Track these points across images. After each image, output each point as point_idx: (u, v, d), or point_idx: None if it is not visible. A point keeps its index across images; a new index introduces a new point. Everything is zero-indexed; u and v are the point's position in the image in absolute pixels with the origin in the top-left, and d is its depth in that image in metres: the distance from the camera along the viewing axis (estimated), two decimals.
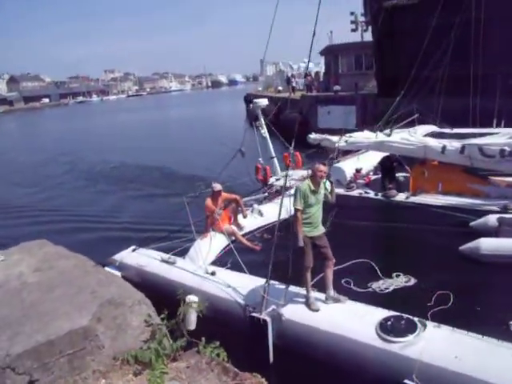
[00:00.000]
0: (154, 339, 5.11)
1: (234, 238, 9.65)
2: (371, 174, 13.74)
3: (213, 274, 8.04)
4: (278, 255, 6.96)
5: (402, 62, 24.72)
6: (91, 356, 4.76)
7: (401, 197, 11.53)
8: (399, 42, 24.79)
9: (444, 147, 10.74)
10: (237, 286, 7.50)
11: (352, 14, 34.49)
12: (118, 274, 8.64)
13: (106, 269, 8.29)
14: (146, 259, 9.02)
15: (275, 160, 14.10)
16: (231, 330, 6.86)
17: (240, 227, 10.15)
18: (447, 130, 13.51)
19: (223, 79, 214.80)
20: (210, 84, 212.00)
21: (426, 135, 12.24)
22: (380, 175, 12.89)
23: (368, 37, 28.05)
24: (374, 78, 26.68)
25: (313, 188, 6.63)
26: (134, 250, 9.44)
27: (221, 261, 8.85)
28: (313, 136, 14.04)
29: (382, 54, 25.24)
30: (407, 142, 11.56)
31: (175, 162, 25.60)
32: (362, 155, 14.62)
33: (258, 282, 7.22)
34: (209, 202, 9.70)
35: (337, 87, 29.14)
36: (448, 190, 11.14)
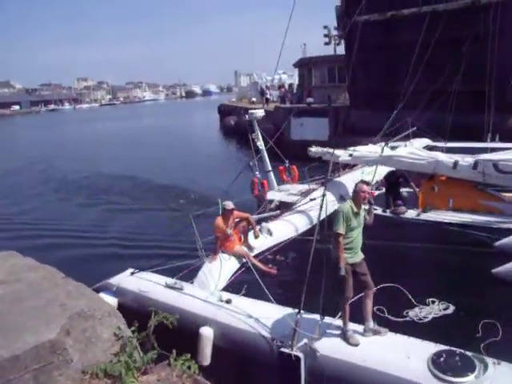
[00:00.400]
0: (125, 352, 5.01)
1: (246, 260, 8.87)
2: (373, 189, 13.08)
3: (228, 301, 7.23)
4: (299, 280, 6.33)
5: (374, 75, 25.29)
6: (59, 370, 4.64)
7: (411, 214, 10.95)
8: (371, 57, 25.25)
9: (456, 162, 10.38)
10: (259, 316, 6.71)
11: (325, 27, 34.96)
12: (115, 300, 7.94)
13: (101, 295, 7.61)
14: (148, 284, 8.10)
15: (271, 174, 13.78)
16: (254, 367, 6.33)
17: (251, 248, 9.31)
18: (441, 144, 13.72)
19: (197, 89, 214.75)
20: (183, 94, 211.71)
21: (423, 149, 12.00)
22: (382, 191, 12.52)
23: (341, 50, 28.54)
24: (347, 90, 27.06)
25: (355, 210, 6.10)
26: (132, 274, 8.55)
27: (233, 286, 8.08)
28: (314, 149, 13.63)
29: (354, 68, 25.63)
30: (417, 156, 11.14)
31: (157, 172, 25.25)
32: (361, 170, 14.01)
33: (283, 311, 6.58)
34: (220, 221, 8.85)
35: (310, 99, 29.44)
36: (459, 206, 10.70)
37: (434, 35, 22.48)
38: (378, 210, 10.96)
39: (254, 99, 45.60)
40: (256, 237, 9.44)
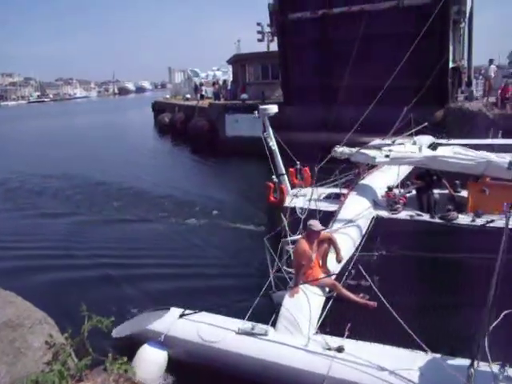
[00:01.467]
0: (58, 360, 4.79)
1: (333, 292, 7.36)
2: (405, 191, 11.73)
3: (340, 350, 5.72)
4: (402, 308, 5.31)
5: (307, 72, 25.71)
6: None
7: (464, 219, 9.69)
8: (303, 53, 25.69)
9: (511, 163, 9.53)
10: (396, 367, 5.24)
11: (258, 24, 35.24)
12: (164, 354, 6.41)
13: (146, 346, 6.34)
14: (212, 331, 6.37)
15: (285, 177, 12.51)
16: None
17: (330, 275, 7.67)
18: (444, 141, 12.92)
19: (131, 86, 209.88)
20: (116, 91, 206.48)
21: (429, 146, 11.26)
22: (412, 192, 11.53)
23: (274, 47, 28.74)
24: (280, 87, 27.32)
25: None
26: (182, 316, 6.88)
27: (327, 327, 6.42)
28: (340, 149, 12.07)
29: (287, 65, 25.95)
30: (464, 156, 10.17)
31: (112, 172, 23.85)
32: (381, 170, 12.92)
33: (425, 358, 5.21)
34: (305, 245, 7.29)
35: (244, 96, 29.51)
36: None
37: (363, 32, 23.37)
38: (425, 217, 10.06)
39: (188, 96, 45.18)
40: (339, 260, 7.86)
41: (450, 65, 22.38)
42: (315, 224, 7.44)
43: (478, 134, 20.21)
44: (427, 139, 12.49)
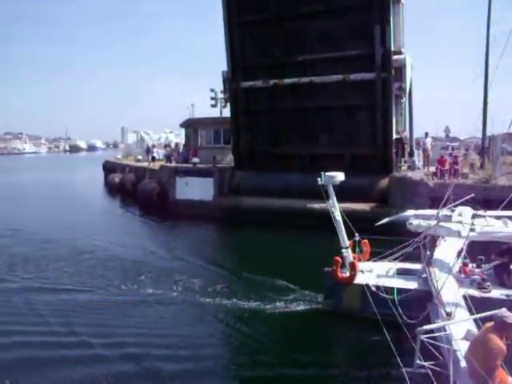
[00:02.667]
0: None
1: None
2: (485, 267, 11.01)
3: None
4: None
5: (257, 138, 26.42)
6: None
7: None
8: (254, 120, 26.47)
9: None
10: None
11: (212, 90, 36.19)
12: None
13: None
14: None
15: (349, 251, 11.62)
16: None
17: None
18: (481, 212, 11.56)
19: (82, 144, 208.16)
20: (68, 148, 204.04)
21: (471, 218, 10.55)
22: (489, 269, 10.84)
23: (227, 113, 29.47)
24: (232, 152, 27.83)
25: None
26: None
27: None
28: (416, 222, 10.98)
29: (238, 131, 26.58)
30: None
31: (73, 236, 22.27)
32: (447, 242, 11.64)
33: None
34: (499, 342, 6.02)
35: (195, 159, 29.79)
36: None
37: (312, 103, 24.46)
38: None
39: (139, 157, 45.22)
40: None
41: (394, 136, 23.50)
42: (510, 316, 6.14)
43: (420, 202, 21.14)
44: (468, 210, 11.76)
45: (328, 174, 12.18)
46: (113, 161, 53.03)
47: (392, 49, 22.71)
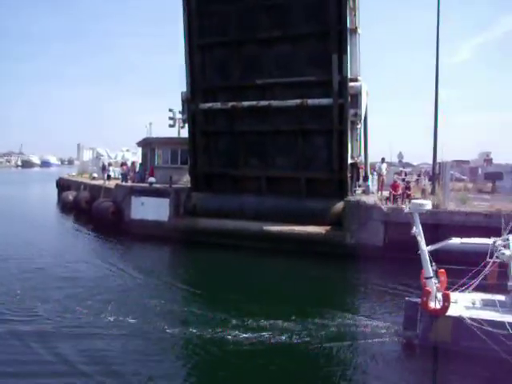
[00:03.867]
0: None
1: None
2: None
3: None
4: None
5: (215, 159, 26.43)
6: None
7: None
8: (212, 142, 26.52)
9: None
10: None
11: (170, 110, 36.04)
12: None
13: None
14: None
15: (433, 281, 11.15)
16: None
17: None
18: None
19: (35, 159, 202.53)
20: (20, 163, 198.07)
21: None
22: None
23: (185, 133, 29.35)
24: (188, 173, 27.70)
25: None
26: None
27: None
28: (508, 252, 10.79)
29: (195, 151, 26.52)
30: None
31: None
32: None
33: None
34: None
35: (152, 179, 29.49)
36: None
37: (269, 126, 24.74)
38: None
39: (95, 175, 44.41)
40: None
41: (349, 160, 23.98)
42: None
43: (374, 226, 21.60)
44: None
45: (415, 201, 11.82)
46: (67, 178, 51.87)
47: (348, 76, 23.31)
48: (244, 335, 11.73)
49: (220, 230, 23.96)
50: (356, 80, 24.36)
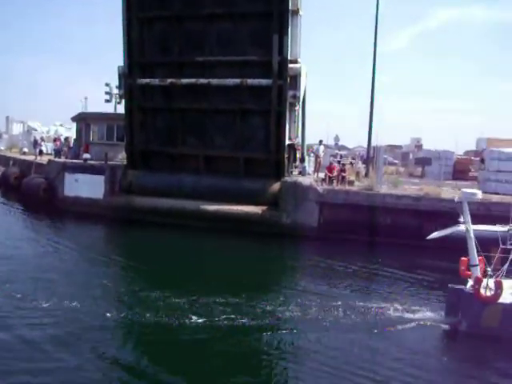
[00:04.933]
0: None
1: None
2: None
3: None
4: None
5: (152, 137, 25.97)
6: None
7: None
8: (149, 119, 26.00)
9: None
10: None
11: (107, 85, 34.95)
12: None
13: None
14: None
15: (478, 269, 11.09)
16: None
17: None
18: None
19: None
20: None
21: None
22: None
23: (122, 109, 28.59)
24: (125, 150, 27.09)
25: None
26: None
27: None
28: None
29: (132, 128, 25.94)
30: None
31: None
32: None
33: None
34: None
35: (86, 155, 28.62)
36: None
37: (208, 105, 24.56)
38: None
39: (25, 149, 42.61)
40: None
41: (287, 142, 24.26)
42: None
43: (309, 207, 22.08)
44: None
45: (466, 190, 11.61)
46: None
47: (288, 58, 23.46)
48: (187, 316, 11.37)
49: (156, 208, 23.68)
50: (296, 62, 24.54)
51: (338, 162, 26.15)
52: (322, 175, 24.94)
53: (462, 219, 11.34)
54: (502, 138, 37.40)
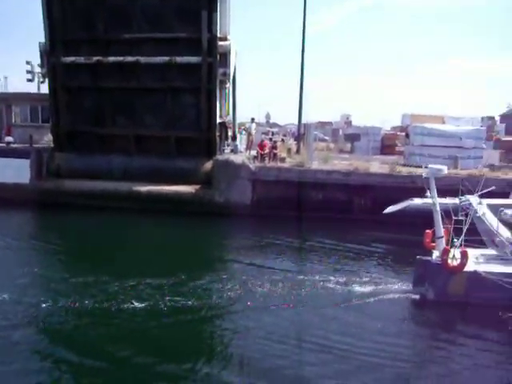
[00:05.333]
0: None
1: None
2: None
3: None
4: None
5: (78, 117, 25.08)
6: None
7: None
8: (75, 98, 25.06)
9: None
10: None
11: (28, 63, 33.25)
12: None
13: None
14: None
15: (443, 241, 11.81)
16: None
17: None
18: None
19: None
20: None
21: None
22: None
23: (46, 89, 27.35)
24: (50, 132, 26.05)
25: None
26: None
27: None
28: (510, 212, 11.82)
29: (58, 109, 24.95)
30: None
31: None
32: None
33: None
34: None
35: (9, 138, 27.23)
36: None
37: (137, 83, 23.98)
38: None
39: None
40: None
41: (218, 120, 24.20)
42: None
43: (242, 184, 22.23)
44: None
45: (432, 166, 12.12)
46: None
47: (218, 35, 23.26)
48: (127, 301, 11.11)
49: (87, 191, 23.04)
50: (226, 39, 24.39)
51: (270, 139, 26.40)
52: (254, 153, 25.11)
53: (428, 194, 11.91)
54: (425, 113, 39.13)
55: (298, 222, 20.66)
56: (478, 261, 11.96)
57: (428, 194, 11.92)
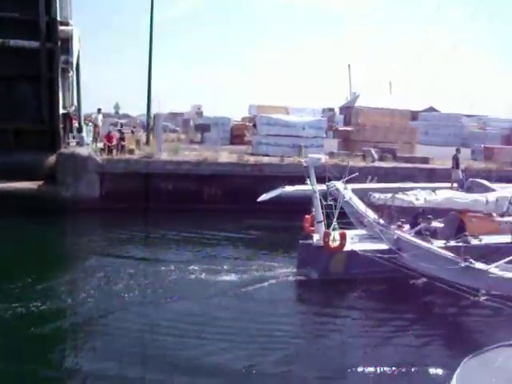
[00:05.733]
0: None
1: None
2: None
3: None
4: None
5: None
6: None
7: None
8: None
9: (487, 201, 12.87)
10: None
11: None
12: None
13: None
14: None
15: (323, 225, 12.51)
16: None
17: None
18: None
19: None
20: None
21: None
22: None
23: None
24: None
25: None
26: None
27: None
28: (377, 195, 13.24)
29: None
30: (467, 198, 13.28)
31: None
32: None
33: None
34: None
35: None
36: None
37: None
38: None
39: None
40: None
41: (61, 111, 22.82)
42: None
43: (89, 178, 21.27)
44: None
45: (311, 155, 13.20)
46: None
47: (58, 19, 21.82)
48: None
49: None
50: (67, 24, 23.02)
51: (119, 130, 25.60)
52: (101, 145, 24.17)
53: (308, 181, 12.80)
54: (271, 104, 40.94)
55: (149, 213, 20.45)
56: (352, 240, 13.15)
57: (308, 181, 12.79)
